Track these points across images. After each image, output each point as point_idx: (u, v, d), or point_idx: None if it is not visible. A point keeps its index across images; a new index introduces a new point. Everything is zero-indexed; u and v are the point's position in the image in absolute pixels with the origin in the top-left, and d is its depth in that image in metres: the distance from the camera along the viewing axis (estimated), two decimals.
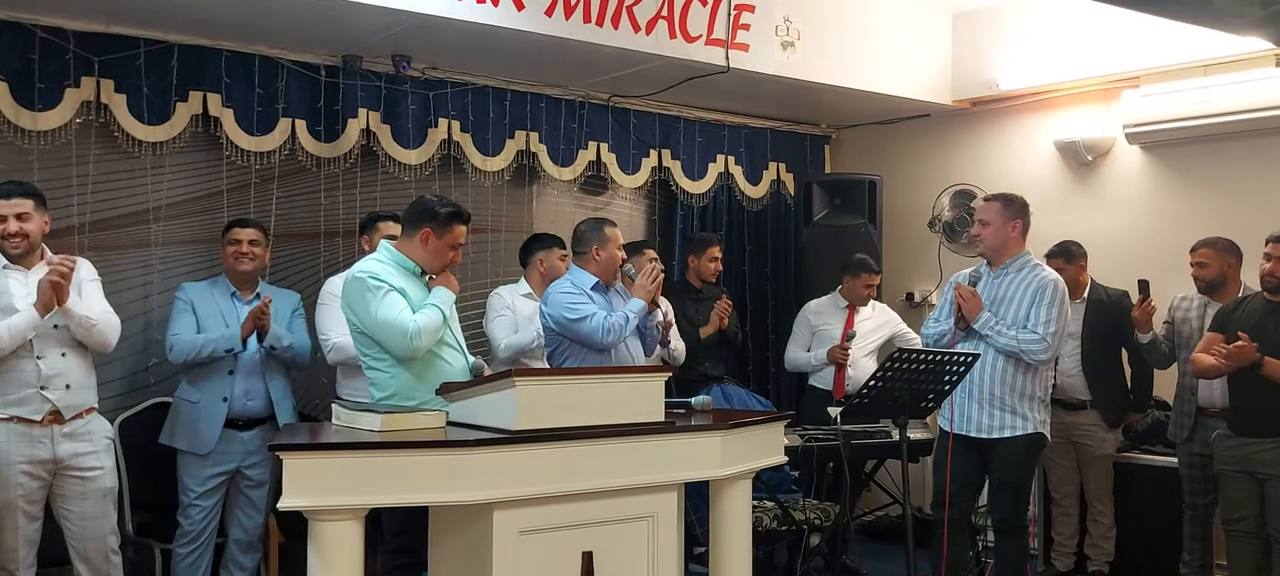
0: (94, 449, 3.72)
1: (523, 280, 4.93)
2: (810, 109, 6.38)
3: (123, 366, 4.49)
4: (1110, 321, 5.07)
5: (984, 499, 4.54)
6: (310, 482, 2.62)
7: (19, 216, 3.60)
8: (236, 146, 4.73)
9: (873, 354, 5.53)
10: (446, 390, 3.13)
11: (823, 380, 5.58)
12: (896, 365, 3.76)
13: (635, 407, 3.03)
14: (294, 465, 2.61)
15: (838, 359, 5.42)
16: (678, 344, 5.02)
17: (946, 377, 3.89)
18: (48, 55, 4.28)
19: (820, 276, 5.94)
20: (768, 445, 3.47)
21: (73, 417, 3.66)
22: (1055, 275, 4.26)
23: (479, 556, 2.81)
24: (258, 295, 4.26)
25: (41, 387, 3.58)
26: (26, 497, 3.58)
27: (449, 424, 3.04)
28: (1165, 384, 5.15)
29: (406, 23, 4.50)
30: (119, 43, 4.43)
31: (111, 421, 4.25)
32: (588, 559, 2.92)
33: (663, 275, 4.36)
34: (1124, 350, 5.12)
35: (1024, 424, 4.15)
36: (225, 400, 4.13)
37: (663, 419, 3.10)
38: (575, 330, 4.11)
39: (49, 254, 3.68)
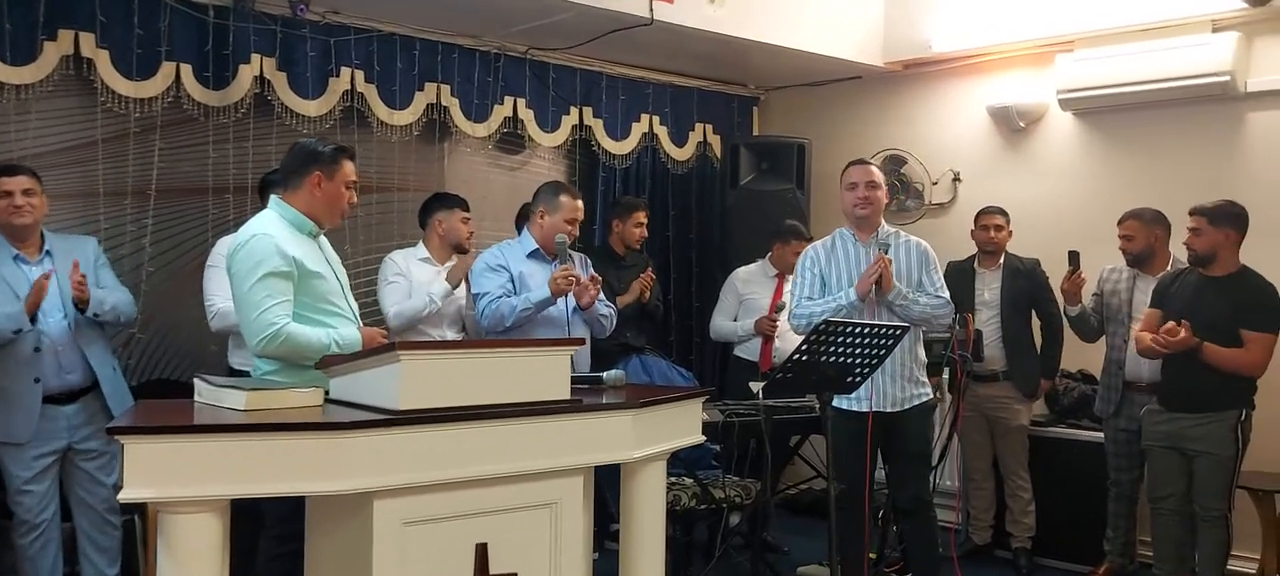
0: None
1: (421, 243, 4.58)
2: (738, 68, 6.12)
3: None
4: (1027, 291, 5.00)
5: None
6: (158, 470, 2.29)
7: None
8: (113, 92, 4.31)
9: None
10: (327, 364, 2.81)
11: (748, 351, 5.35)
12: (823, 338, 3.54)
13: (537, 384, 2.75)
14: (137, 451, 2.28)
15: (766, 330, 5.20)
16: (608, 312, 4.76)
17: (876, 351, 3.67)
18: None
19: (746, 242, 5.70)
20: (684, 423, 3.22)
21: None
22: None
23: (359, 550, 2.52)
24: (47, 252, 3.74)
25: None
26: None
27: (328, 402, 2.73)
28: (1086, 356, 5.05)
29: None
30: None
31: None
32: (482, 551, 2.64)
33: (571, 281, 4.09)
34: (1036, 319, 5.05)
35: (925, 392, 4.06)
36: (37, 380, 3.64)
37: (568, 396, 2.81)
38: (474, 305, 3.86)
39: None
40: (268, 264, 2.96)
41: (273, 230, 3.03)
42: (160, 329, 4.51)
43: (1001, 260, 5.06)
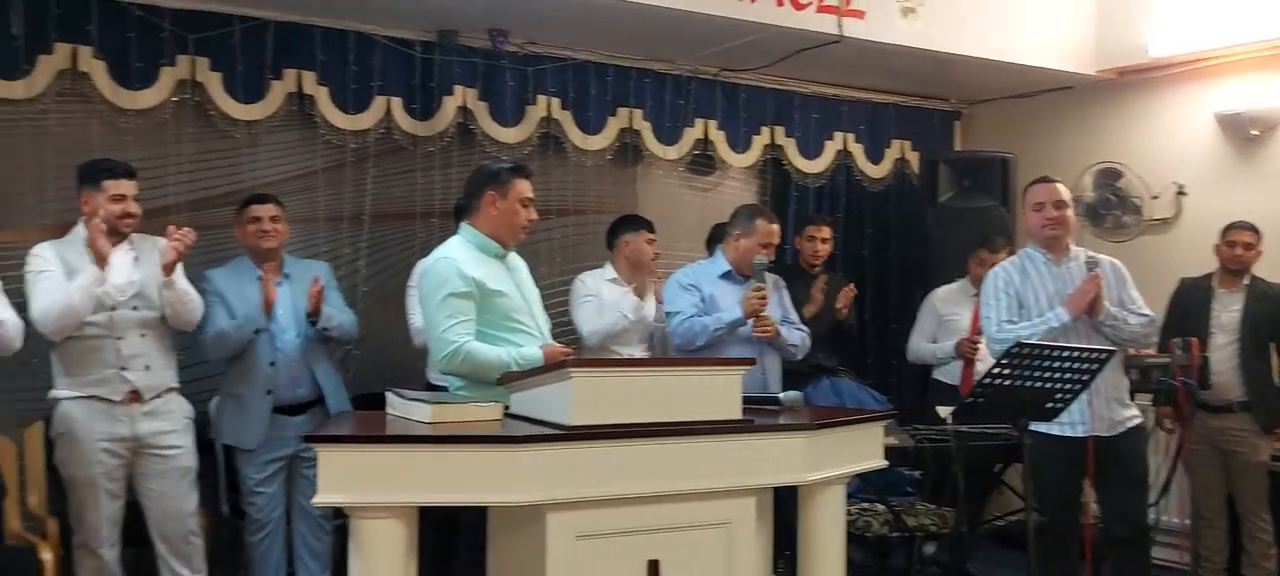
0: (174, 428, 3.70)
1: (608, 264, 4.69)
2: (937, 82, 5.93)
3: None
4: (1272, 316, 4.57)
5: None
6: (348, 477, 2.45)
7: (134, 197, 3.65)
8: (331, 125, 4.65)
9: None
10: (506, 380, 2.92)
11: (948, 374, 5.16)
12: (1018, 361, 3.37)
13: (709, 404, 2.75)
14: (330, 459, 2.45)
15: (966, 353, 4.99)
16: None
17: (1080, 376, 3.46)
18: (144, 34, 4.27)
19: (947, 261, 5.50)
20: (864, 447, 3.14)
21: (153, 397, 3.64)
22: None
23: (535, 561, 2.60)
24: (286, 275, 4.05)
25: (121, 369, 3.57)
26: (107, 475, 3.59)
27: (507, 416, 2.83)
28: None
29: None
30: (214, 20, 4.40)
31: (206, 403, 4.26)
32: (654, 567, 2.66)
33: (764, 300, 4.10)
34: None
35: (1135, 414, 3.86)
36: (269, 392, 3.95)
37: (739, 416, 2.80)
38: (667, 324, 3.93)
39: (133, 234, 3.67)
40: (448, 286, 3.11)
41: (456, 253, 3.19)
42: (373, 345, 4.80)
43: (1246, 281, 4.63)
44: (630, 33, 4.88)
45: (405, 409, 2.82)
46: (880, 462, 3.24)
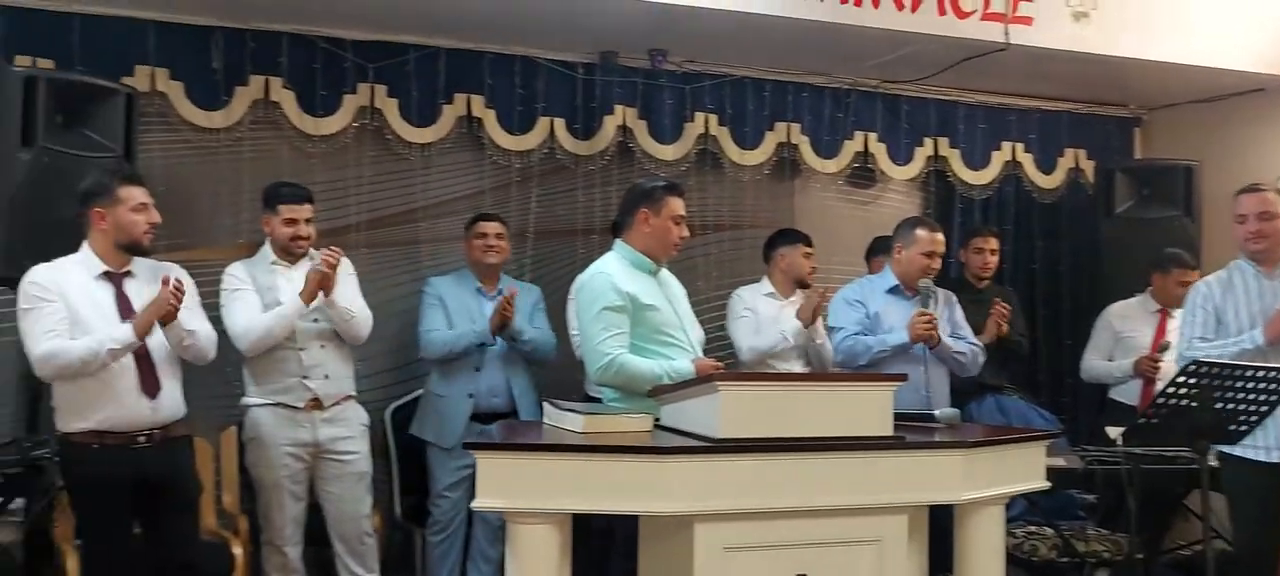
0: (351, 434, 3.93)
1: (765, 279, 4.69)
2: (1113, 87, 5.65)
3: (393, 358, 4.72)
4: None
5: None
6: (504, 483, 2.56)
7: (306, 220, 3.90)
8: (498, 146, 4.85)
9: None
10: (656, 393, 2.98)
11: (1126, 394, 4.91)
12: (1197, 380, 3.19)
13: (859, 419, 2.73)
14: (487, 464, 2.56)
15: (1146, 372, 4.75)
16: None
17: (1268, 397, 3.24)
18: (329, 64, 4.59)
19: (1125, 274, 5.24)
20: (1025, 468, 3.04)
21: (331, 405, 3.88)
22: None
23: (682, 571, 2.64)
24: (500, 290, 4.30)
25: (303, 377, 3.82)
26: (291, 478, 3.84)
27: (657, 428, 2.89)
28: None
29: (662, 15, 4.42)
30: (391, 49, 4.67)
31: (382, 411, 4.51)
32: None
33: (932, 325, 4.02)
34: None
35: None
36: (470, 396, 4.21)
37: (890, 432, 2.77)
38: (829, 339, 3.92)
39: (311, 251, 3.93)
40: (603, 299, 3.21)
41: (610, 268, 3.28)
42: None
43: None
44: (788, 47, 4.88)
45: (559, 419, 2.91)
46: (1042, 484, 3.13)
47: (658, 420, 2.93)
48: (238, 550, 3.94)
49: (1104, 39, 4.89)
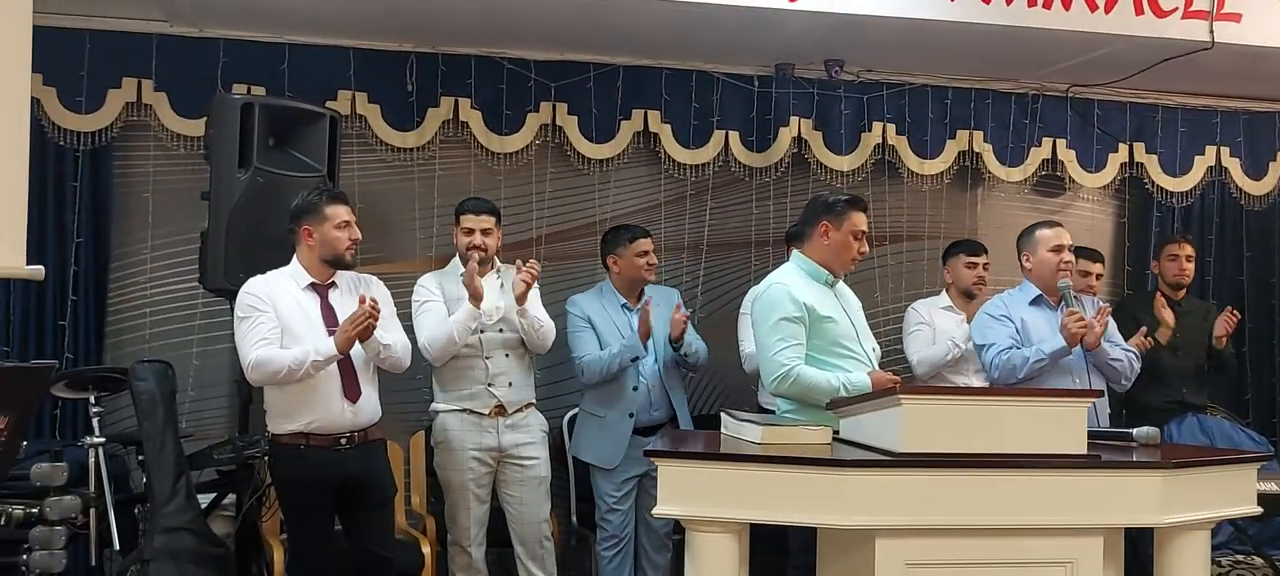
0: (532, 440, 4.05)
1: (944, 291, 4.56)
2: None
3: (569, 367, 4.81)
4: None
5: None
6: (684, 491, 2.59)
7: (484, 231, 4.05)
8: (673, 160, 4.92)
9: None
10: (835, 405, 2.95)
11: None
12: None
13: (1049, 436, 2.63)
14: (668, 473, 2.60)
15: None
16: None
17: None
18: (513, 84, 4.76)
19: None
20: (1233, 491, 2.85)
21: (514, 411, 4.01)
22: None
23: None
24: (646, 302, 4.25)
25: (488, 385, 3.97)
26: (476, 481, 3.99)
27: (836, 441, 2.86)
28: None
29: (838, 25, 4.39)
30: (572, 68, 4.81)
31: (560, 419, 4.63)
32: None
33: (1084, 322, 3.78)
34: None
35: None
36: (631, 416, 4.19)
37: (1083, 451, 2.65)
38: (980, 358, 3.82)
39: (499, 264, 4.08)
40: (780, 310, 3.20)
41: (788, 280, 3.28)
42: (709, 368, 4.96)
43: None
44: (971, 53, 4.75)
45: (737, 429, 2.93)
46: (1252, 509, 2.92)
47: (836, 433, 2.90)
48: (426, 549, 4.13)
49: None
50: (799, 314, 3.20)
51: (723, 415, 3.08)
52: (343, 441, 3.42)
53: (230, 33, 4.50)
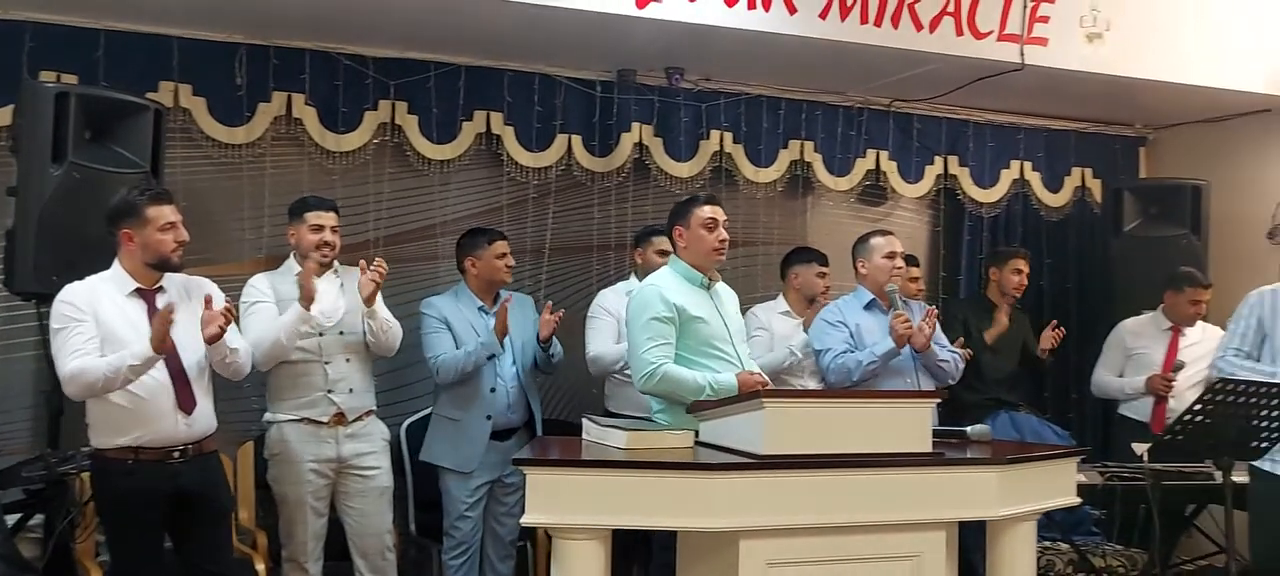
0: (373, 449, 3.93)
1: (781, 297, 4.72)
2: (1121, 107, 5.73)
3: (409, 373, 4.71)
4: None
5: None
6: (552, 499, 2.58)
7: (332, 228, 3.91)
8: (516, 162, 4.88)
9: (1200, 386, 4.84)
10: (697, 408, 3.00)
11: (1136, 410, 4.97)
12: (1221, 397, 3.25)
13: (897, 436, 2.76)
14: (537, 481, 2.58)
15: (1159, 389, 4.81)
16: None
17: None
18: (350, 81, 4.61)
19: (1133, 293, 5.32)
20: (1056, 483, 3.08)
21: (355, 419, 3.88)
22: None
23: None
24: (497, 298, 4.24)
25: (328, 391, 3.82)
26: (314, 494, 3.84)
27: (698, 444, 2.91)
28: None
29: (679, 34, 4.45)
30: (413, 67, 4.70)
31: (397, 426, 4.51)
32: None
33: (909, 323, 4.01)
34: None
35: None
36: (489, 418, 4.14)
37: (929, 449, 2.80)
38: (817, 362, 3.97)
39: (337, 265, 3.95)
40: (650, 310, 3.28)
41: (662, 281, 3.38)
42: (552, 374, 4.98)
43: None
44: (804, 66, 4.93)
45: (600, 434, 2.93)
46: (1072, 499, 3.17)
47: (697, 436, 2.95)
48: (260, 566, 3.94)
49: (1116, 60, 4.95)
50: (669, 314, 3.27)
51: (584, 421, 3.08)
52: (176, 454, 3.22)
53: (37, 15, 4.16)
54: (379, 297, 3.85)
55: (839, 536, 2.68)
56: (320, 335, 3.83)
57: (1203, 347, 4.83)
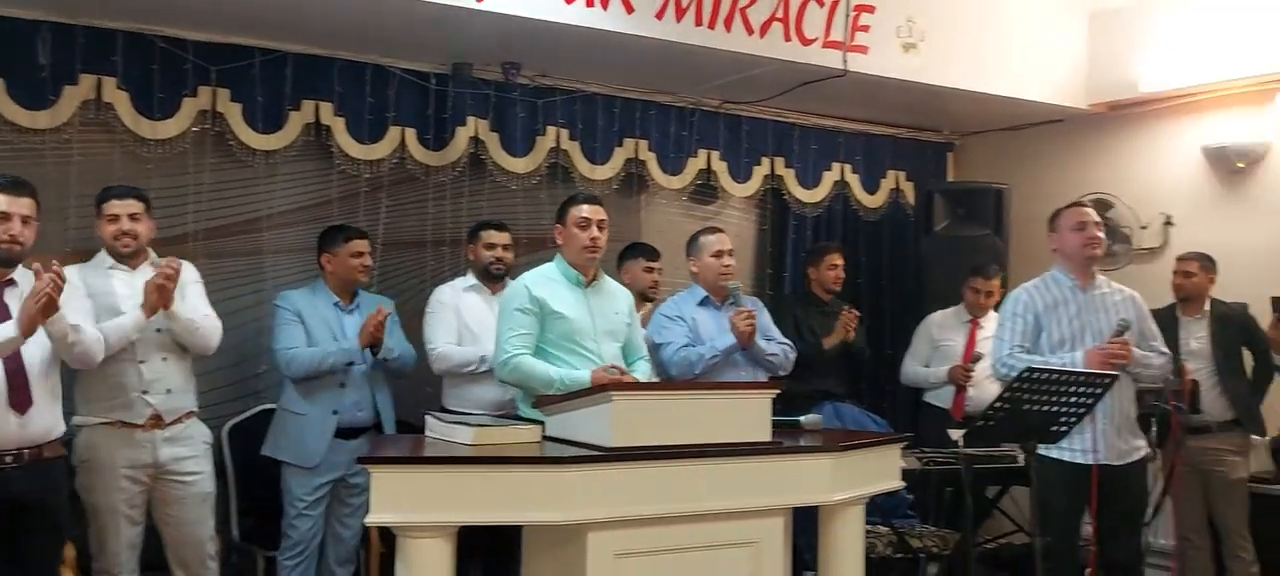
0: (193, 453, 3.73)
1: None
2: (933, 114, 6.09)
3: (231, 373, 4.52)
4: (1238, 336, 4.75)
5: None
6: (398, 497, 2.54)
7: (131, 216, 3.65)
8: (347, 155, 4.74)
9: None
10: (543, 402, 3.01)
11: (940, 398, 5.29)
12: (1026, 385, 3.49)
13: (740, 426, 2.86)
14: (382, 479, 2.53)
15: (959, 379, 5.13)
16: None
17: (1084, 400, 3.58)
18: (168, 65, 4.36)
19: (942, 288, 5.65)
20: (883, 468, 3.25)
21: (173, 422, 3.67)
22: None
23: None
24: (358, 305, 4.20)
25: (143, 392, 3.60)
26: (128, 502, 3.60)
27: (546, 438, 2.92)
28: None
29: (517, 29, 4.43)
30: (236, 52, 4.49)
31: (220, 428, 4.31)
32: None
33: (752, 322, 4.19)
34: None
35: (1143, 445, 3.98)
36: (335, 413, 4.05)
37: (769, 439, 2.91)
38: (658, 356, 4.08)
39: (153, 257, 3.72)
40: (515, 302, 3.43)
41: (533, 276, 3.50)
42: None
43: (1207, 307, 4.80)
44: (639, 66, 5.00)
45: (446, 431, 2.90)
46: (898, 484, 3.35)
47: (545, 430, 2.96)
48: None
49: (928, 69, 5.26)
50: (531, 307, 3.39)
51: (428, 418, 3.03)
52: (9, 458, 2.99)
53: None
54: (177, 297, 3.59)
55: (684, 525, 2.74)
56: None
57: None
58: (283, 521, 4.08)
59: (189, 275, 3.74)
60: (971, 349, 5.20)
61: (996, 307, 5.28)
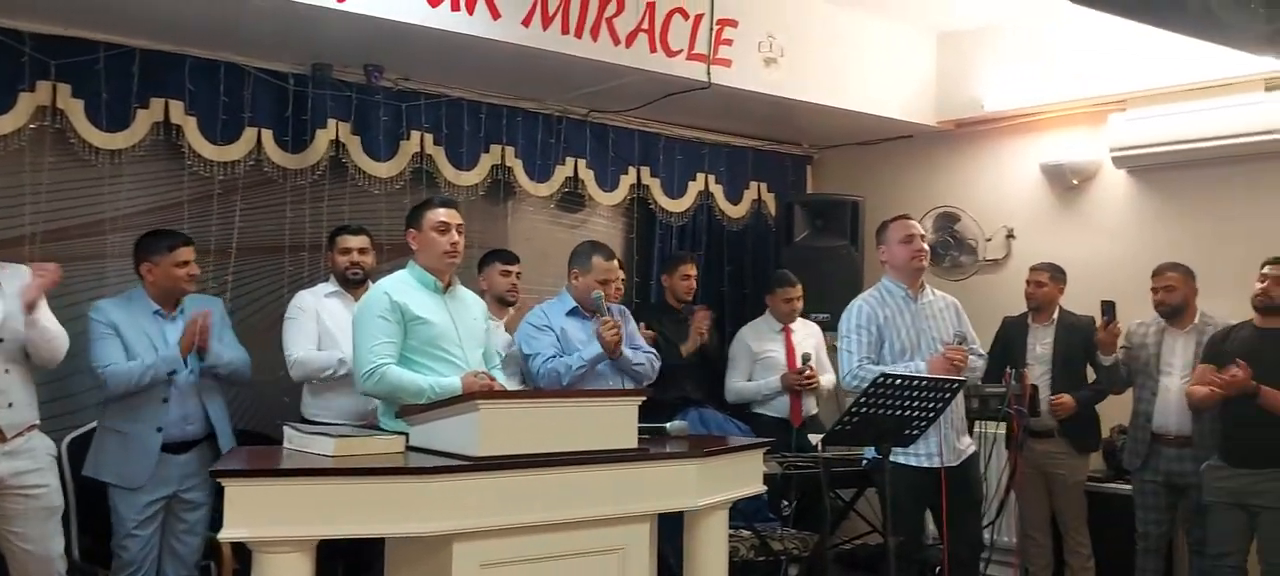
0: (37, 466, 3.54)
1: (480, 298, 4.74)
2: (792, 128, 6.26)
3: (71, 384, 4.26)
4: (1080, 346, 5.01)
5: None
6: (254, 512, 2.45)
7: None
8: (199, 155, 4.55)
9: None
10: (407, 412, 2.96)
11: (774, 409, 5.30)
12: (879, 392, 3.63)
13: (606, 434, 2.87)
14: (236, 493, 2.44)
15: (794, 385, 5.23)
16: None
17: (934, 404, 3.75)
18: (3, 58, 4.10)
19: (804, 297, 5.80)
20: (746, 474, 3.32)
21: (15, 435, 3.48)
22: None
23: None
24: (182, 310, 3.96)
25: None
26: None
27: (409, 449, 2.87)
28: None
29: (378, 31, 4.34)
30: (78, 46, 4.26)
31: (60, 441, 4.07)
32: None
33: (618, 331, 4.20)
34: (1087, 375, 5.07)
35: (971, 442, 4.20)
36: (159, 430, 3.83)
37: (635, 445, 2.93)
38: (526, 366, 4.06)
39: None
40: (375, 309, 3.31)
41: (391, 282, 3.40)
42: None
43: (1055, 315, 5.09)
44: (505, 72, 4.96)
45: (304, 442, 2.82)
46: (760, 488, 3.43)
47: (409, 440, 2.91)
48: None
49: (787, 83, 5.40)
50: (392, 314, 3.30)
51: (285, 429, 2.94)
52: None
53: None
54: (42, 304, 3.46)
55: (552, 533, 2.74)
56: None
57: (814, 341, 5.44)
58: (113, 541, 3.86)
59: (22, 278, 3.54)
60: (793, 354, 5.33)
61: (805, 314, 5.48)
